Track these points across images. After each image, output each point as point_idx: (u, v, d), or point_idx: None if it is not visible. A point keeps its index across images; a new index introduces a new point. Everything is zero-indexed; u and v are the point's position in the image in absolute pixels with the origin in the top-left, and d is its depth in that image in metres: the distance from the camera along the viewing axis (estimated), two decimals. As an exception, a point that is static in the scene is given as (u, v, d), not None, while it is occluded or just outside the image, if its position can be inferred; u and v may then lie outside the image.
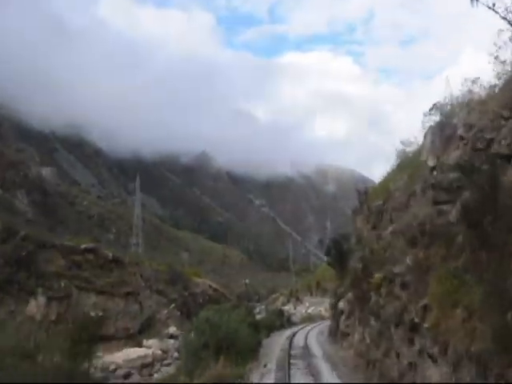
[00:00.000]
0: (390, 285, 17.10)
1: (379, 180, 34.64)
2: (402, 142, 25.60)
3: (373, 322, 20.00)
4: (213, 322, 26.56)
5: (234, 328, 26.45)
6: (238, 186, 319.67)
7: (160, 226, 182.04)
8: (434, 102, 20.36)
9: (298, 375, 21.28)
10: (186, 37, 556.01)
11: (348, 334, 28.62)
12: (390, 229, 18.96)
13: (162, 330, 45.31)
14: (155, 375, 33.31)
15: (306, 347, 32.02)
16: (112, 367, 34.31)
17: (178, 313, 48.24)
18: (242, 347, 25.70)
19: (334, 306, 39.69)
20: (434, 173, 15.73)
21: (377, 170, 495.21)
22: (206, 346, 25.17)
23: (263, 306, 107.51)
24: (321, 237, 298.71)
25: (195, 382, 21.55)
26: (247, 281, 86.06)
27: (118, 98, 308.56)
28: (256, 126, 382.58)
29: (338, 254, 38.29)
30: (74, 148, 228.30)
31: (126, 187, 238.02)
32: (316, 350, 30.97)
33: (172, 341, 43.84)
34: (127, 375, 33.45)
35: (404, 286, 14.62)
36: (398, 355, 15.25)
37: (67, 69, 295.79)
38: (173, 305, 47.94)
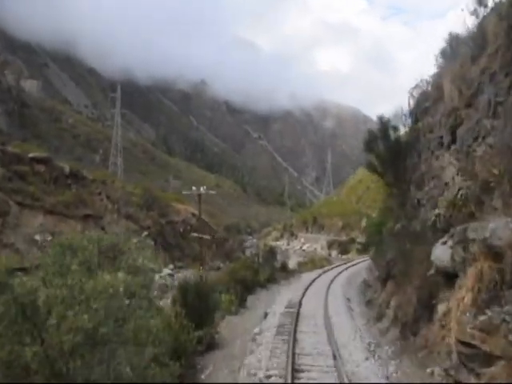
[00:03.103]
0: None
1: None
2: None
3: None
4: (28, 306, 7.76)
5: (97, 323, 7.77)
6: (236, 117, 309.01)
7: (152, 152, 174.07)
8: None
9: None
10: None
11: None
12: None
13: (130, 261, 37.85)
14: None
15: None
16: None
17: (152, 243, 40.67)
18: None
19: (380, 249, 22.52)
20: None
21: (379, 110, 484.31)
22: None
23: (255, 240, 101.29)
24: (318, 174, 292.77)
25: None
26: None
27: (114, 15, 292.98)
28: (257, 56, 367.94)
29: (392, 148, 22.00)
30: (66, 65, 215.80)
31: (124, 115, 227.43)
32: None
33: (141, 275, 36.49)
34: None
35: None
36: None
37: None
38: (145, 233, 40.35)
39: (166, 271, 39.45)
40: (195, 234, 32.23)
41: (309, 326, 19.43)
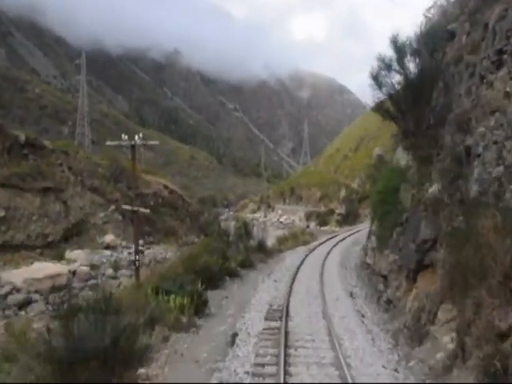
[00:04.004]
0: None
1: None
2: None
3: None
4: None
5: None
6: (210, 88, 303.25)
7: (124, 123, 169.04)
8: None
9: None
10: None
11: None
12: None
13: (96, 238, 35.21)
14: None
15: None
16: (7, 289, 24.18)
17: (120, 217, 38.01)
18: None
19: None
20: None
21: (354, 80, 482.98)
22: None
23: (231, 213, 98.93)
24: (294, 145, 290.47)
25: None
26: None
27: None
28: (231, 24, 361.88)
29: (412, 82, 15.03)
30: (32, 34, 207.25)
31: (90, 82, 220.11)
32: None
33: (108, 252, 33.99)
34: (25, 302, 23.39)
35: None
36: None
37: None
38: (112, 207, 37.57)
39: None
40: (126, 207, 23.65)
41: (309, 368, 10.82)
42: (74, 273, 27.84)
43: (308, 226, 65.64)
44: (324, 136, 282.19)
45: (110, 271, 30.71)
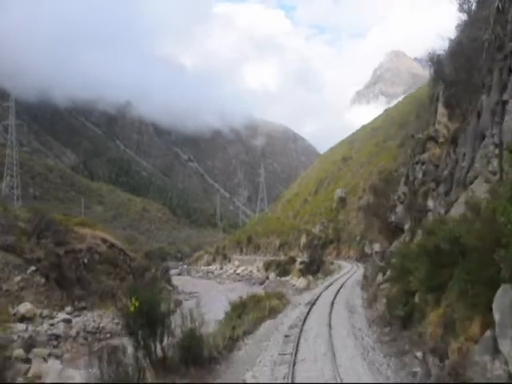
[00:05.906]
0: None
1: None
2: None
3: None
4: None
5: None
6: (164, 139, 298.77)
7: (71, 177, 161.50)
8: None
9: None
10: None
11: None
12: None
13: (8, 308, 28.53)
14: None
15: None
16: None
17: (43, 280, 31.52)
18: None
19: None
20: None
21: (307, 128, 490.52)
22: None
23: (185, 266, 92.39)
24: (250, 193, 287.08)
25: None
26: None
27: (25, 32, 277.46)
28: (183, 74, 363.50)
29: None
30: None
31: (38, 136, 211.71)
32: None
33: (22, 326, 27.29)
34: None
35: None
36: None
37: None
38: (32, 268, 31.12)
39: (62, 316, 30.43)
40: None
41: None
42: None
43: (267, 277, 60.12)
44: (279, 183, 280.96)
45: (19, 352, 23.99)
